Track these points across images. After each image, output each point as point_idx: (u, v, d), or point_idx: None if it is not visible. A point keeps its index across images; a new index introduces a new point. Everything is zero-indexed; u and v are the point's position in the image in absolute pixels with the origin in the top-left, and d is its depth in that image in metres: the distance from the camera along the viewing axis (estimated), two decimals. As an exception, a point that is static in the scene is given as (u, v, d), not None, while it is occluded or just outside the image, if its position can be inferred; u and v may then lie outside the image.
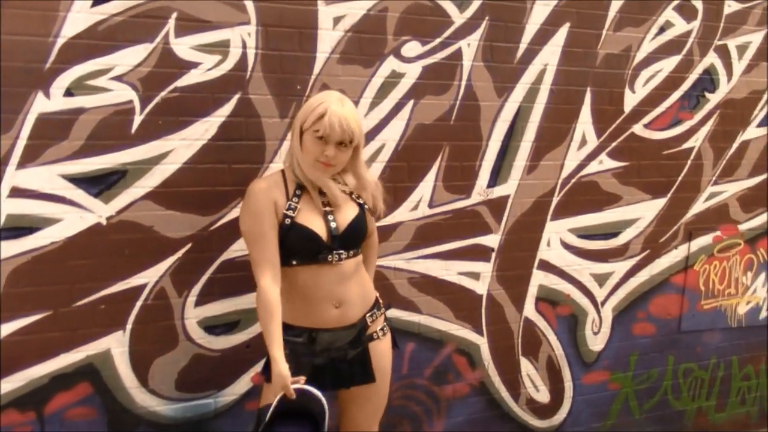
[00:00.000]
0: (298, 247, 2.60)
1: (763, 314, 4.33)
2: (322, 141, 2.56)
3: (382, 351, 2.79)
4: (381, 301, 2.85)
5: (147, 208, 2.85)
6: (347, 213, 2.68)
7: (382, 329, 2.79)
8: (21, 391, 2.76)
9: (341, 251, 2.64)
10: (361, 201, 2.74)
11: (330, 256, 2.61)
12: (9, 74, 2.59)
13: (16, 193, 2.65)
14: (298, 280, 2.63)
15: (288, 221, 2.59)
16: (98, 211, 2.78)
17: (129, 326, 2.89)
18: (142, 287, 2.89)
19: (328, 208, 2.65)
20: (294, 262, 2.61)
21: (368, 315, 2.74)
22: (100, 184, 2.77)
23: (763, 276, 4.28)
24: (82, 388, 2.86)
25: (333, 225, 2.63)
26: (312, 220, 2.62)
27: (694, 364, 4.21)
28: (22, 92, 2.61)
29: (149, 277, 2.90)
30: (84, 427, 2.88)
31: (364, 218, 2.74)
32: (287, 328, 2.62)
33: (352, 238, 2.68)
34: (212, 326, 3.03)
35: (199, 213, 2.93)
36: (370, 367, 2.72)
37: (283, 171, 2.72)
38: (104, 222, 2.79)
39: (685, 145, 3.90)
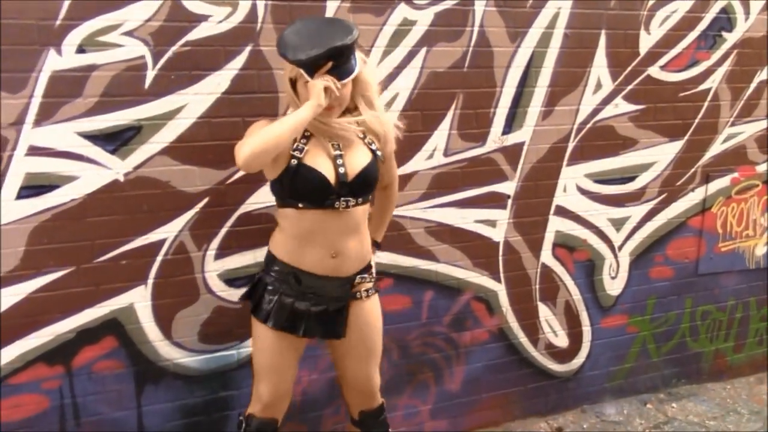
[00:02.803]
0: (306, 191, 2.51)
1: (781, 255, 4.31)
2: None
3: (365, 309, 2.72)
4: (374, 268, 2.78)
5: (163, 164, 2.85)
6: (359, 158, 2.57)
7: (367, 291, 2.72)
8: (48, 346, 2.82)
9: (349, 198, 2.54)
10: (374, 147, 2.63)
11: (337, 203, 2.52)
12: (21, 32, 2.58)
13: (34, 151, 2.67)
14: (301, 223, 2.55)
15: (294, 162, 2.49)
16: (115, 168, 2.79)
17: (151, 281, 2.92)
18: (162, 242, 2.91)
19: (338, 152, 2.55)
20: (300, 205, 2.53)
21: (359, 275, 2.68)
22: (116, 141, 2.78)
23: (781, 217, 4.24)
24: (108, 342, 2.91)
25: (342, 170, 2.52)
26: (320, 163, 2.51)
27: (712, 306, 4.21)
28: (35, 50, 2.61)
29: (169, 231, 2.92)
30: (111, 379, 2.94)
31: (376, 165, 2.63)
32: (277, 262, 2.62)
33: (363, 186, 2.57)
34: (232, 279, 3.05)
35: (215, 167, 2.93)
36: (344, 325, 2.67)
37: None
38: (122, 178, 2.80)
39: (702, 87, 3.85)
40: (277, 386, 2.68)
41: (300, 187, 2.51)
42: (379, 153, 2.65)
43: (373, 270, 2.78)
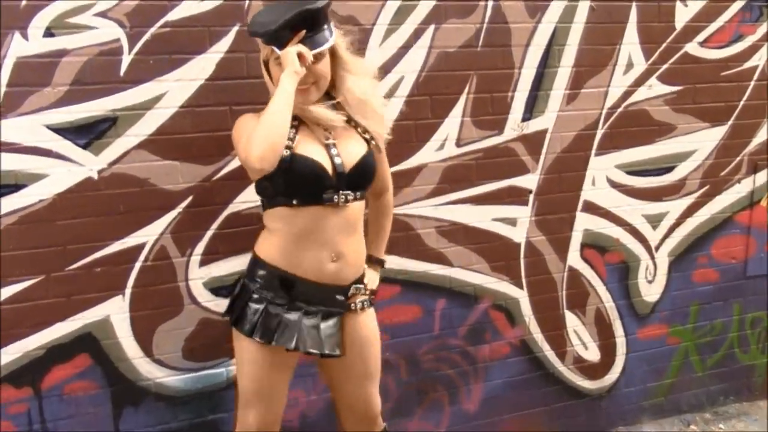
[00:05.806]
0: (301, 184, 2.50)
1: (842, 255, 4.33)
2: None
3: (360, 322, 2.71)
4: (366, 283, 2.77)
5: (141, 159, 2.87)
6: (353, 148, 2.60)
7: (362, 303, 2.71)
8: (16, 364, 2.83)
9: (348, 192, 2.56)
10: (367, 136, 2.64)
11: (336, 197, 2.53)
12: (-19, 14, 2.62)
13: (-2, 146, 2.71)
14: (297, 223, 2.54)
15: (287, 152, 2.46)
16: (88, 164, 2.81)
17: (129, 290, 2.94)
18: (140, 247, 2.93)
19: (330, 141, 2.57)
20: (294, 202, 2.52)
21: (354, 285, 2.67)
22: (89, 134, 2.80)
23: (841, 211, 4.27)
24: (81, 360, 2.92)
25: (338, 161, 2.54)
26: (314, 153, 2.52)
27: (763, 313, 4.23)
28: (-3, 33, 2.65)
29: (148, 235, 2.93)
30: (85, 402, 2.95)
31: (373, 156, 2.65)
32: (263, 265, 2.59)
33: (361, 178, 2.61)
34: (220, 287, 3.07)
35: (200, 162, 2.95)
36: (341, 341, 2.64)
37: None
38: (95, 176, 2.82)
39: (748, 64, 3.87)
40: (264, 413, 2.64)
41: (295, 180, 2.50)
42: (373, 142, 2.67)
43: (367, 283, 2.77)
